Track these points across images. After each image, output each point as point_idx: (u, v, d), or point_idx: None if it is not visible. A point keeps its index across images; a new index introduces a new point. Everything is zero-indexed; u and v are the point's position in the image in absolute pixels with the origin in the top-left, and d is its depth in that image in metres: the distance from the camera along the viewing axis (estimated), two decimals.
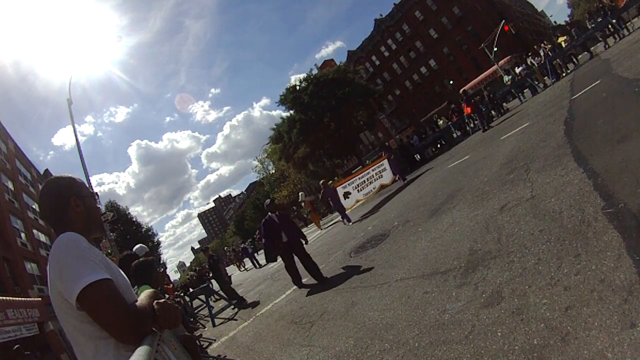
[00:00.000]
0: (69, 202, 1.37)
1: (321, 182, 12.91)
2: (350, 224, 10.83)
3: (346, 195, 13.39)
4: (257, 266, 16.83)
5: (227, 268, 21.09)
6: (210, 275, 10.01)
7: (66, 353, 16.71)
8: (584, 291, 1.88)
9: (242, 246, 22.11)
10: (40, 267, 20.66)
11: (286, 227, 6.34)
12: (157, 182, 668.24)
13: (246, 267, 21.04)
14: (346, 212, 12.18)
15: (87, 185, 1.53)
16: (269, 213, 6.47)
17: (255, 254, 19.73)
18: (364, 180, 13.34)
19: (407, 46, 56.96)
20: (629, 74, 6.92)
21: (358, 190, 13.32)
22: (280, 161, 41.10)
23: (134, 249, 4.50)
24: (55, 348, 17.06)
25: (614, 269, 1.90)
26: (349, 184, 13.49)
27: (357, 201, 13.32)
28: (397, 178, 12.77)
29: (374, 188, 13.09)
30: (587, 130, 4.79)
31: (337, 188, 13.36)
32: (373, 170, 13.35)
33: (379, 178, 13.08)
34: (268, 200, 6.74)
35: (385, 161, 13.05)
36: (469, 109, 15.35)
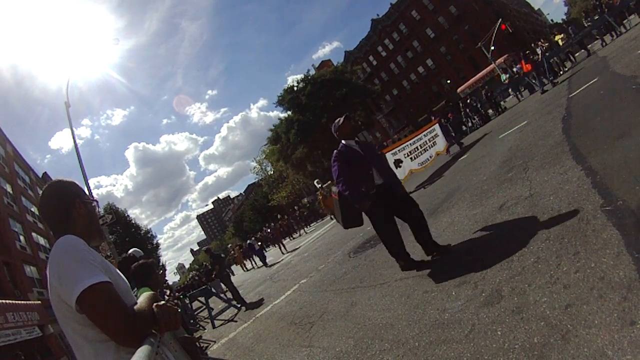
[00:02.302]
0: (73, 204, 1.38)
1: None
2: None
3: (397, 163, 10.75)
4: (266, 265, 16.32)
5: (231, 267, 20.61)
6: (215, 274, 9.91)
7: (66, 356, 16.68)
8: (584, 289, 1.88)
9: (248, 242, 21.31)
10: (39, 270, 20.62)
11: (378, 163, 3.78)
12: (155, 184, 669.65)
13: (255, 262, 20.50)
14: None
15: (87, 193, 1.55)
16: (342, 141, 3.87)
17: (264, 251, 18.98)
18: (417, 147, 11.47)
19: (404, 46, 57.05)
20: (626, 71, 6.94)
21: (411, 158, 11.40)
22: (279, 162, 41.15)
23: (129, 252, 4.48)
24: (55, 351, 17.03)
25: (613, 267, 1.90)
26: (399, 150, 11.51)
27: (411, 171, 11.47)
28: (449, 147, 11.40)
29: (430, 156, 11.29)
30: (585, 128, 4.81)
31: (387, 154, 11.24)
32: (425, 135, 11.50)
33: (433, 145, 11.35)
34: (340, 119, 3.91)
35: (437, 126, 11.50)
36: (528, 66, 14.08)
